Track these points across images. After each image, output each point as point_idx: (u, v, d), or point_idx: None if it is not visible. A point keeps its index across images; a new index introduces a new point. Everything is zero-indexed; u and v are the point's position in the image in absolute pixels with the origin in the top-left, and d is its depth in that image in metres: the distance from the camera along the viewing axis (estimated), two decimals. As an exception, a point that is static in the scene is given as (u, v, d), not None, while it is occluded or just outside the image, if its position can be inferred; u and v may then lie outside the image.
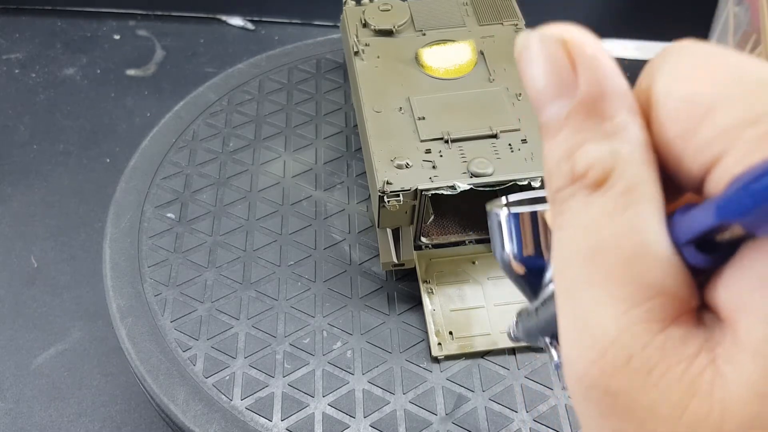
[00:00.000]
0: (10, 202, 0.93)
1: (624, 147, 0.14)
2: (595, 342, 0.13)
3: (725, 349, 0.12)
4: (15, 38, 1.16)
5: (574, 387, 0.14)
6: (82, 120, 1.04)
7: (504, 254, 0.17)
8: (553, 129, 0.14)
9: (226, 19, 1.19)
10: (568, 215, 0.14)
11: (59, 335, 0.80)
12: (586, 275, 0.14)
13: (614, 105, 0.14)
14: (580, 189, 0.14)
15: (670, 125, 0.14)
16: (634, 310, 0.13)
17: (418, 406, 0.45)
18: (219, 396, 0.46)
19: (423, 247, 0.52)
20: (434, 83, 0.52)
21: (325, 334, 0.48)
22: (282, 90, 0.65)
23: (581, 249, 0.14)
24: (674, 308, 0.13)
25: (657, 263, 0.13)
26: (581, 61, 0.14)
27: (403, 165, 0.46)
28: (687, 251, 0.13)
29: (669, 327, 0.13)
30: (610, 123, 0.14)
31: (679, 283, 0.13)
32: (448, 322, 0.48)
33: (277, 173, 0.58)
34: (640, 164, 0.14)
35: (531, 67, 0.15)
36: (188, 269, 0.52)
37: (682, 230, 0.13)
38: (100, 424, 0.73)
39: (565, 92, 0.14)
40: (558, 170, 0.14)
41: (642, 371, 0.13)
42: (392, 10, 0.57)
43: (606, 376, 0.13)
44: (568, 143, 0.14)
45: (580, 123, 0.14)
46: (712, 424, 0.12)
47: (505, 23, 0.57)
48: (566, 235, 0.14)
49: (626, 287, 0.13)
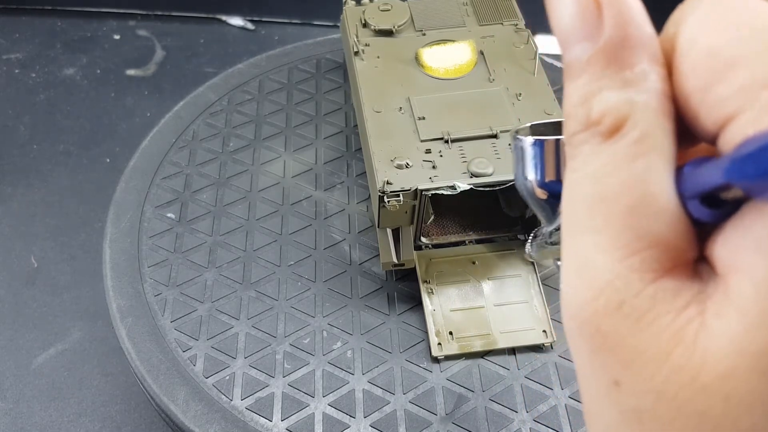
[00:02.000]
0: (10, 202, 0.93)
1: (641, 96, 0.14)
2: (591, 284, 0.14)
3: (715, 303, 0.13)
4: (15, 38, 1.16)
5: (568, 323, 0.15)
6: (82, 120, 1.04)
7: (527, 179, 0.17)
8: (574, 71, 0.14)
9: (226, 19, 1.19)
10: (579, 160, 0.14)
11: (59, 335, 0.80)
12: (590, 220, 0.14)
13: (636, 53, 0.14)
14: (594, 135, 0.14)
15: (691, 77, 0.14)
16: (630, 258, 0.13)
17: (418, 406, 0.45)
18: (219, 396, 0.46)
19: (423, 247, 0.52)
20: (434, 83, 0.52)
21: (325, 334, 0.48)
22: (282, 90, 0.65)
23: (588, 194, 0.14)
24: (670, 259, 0.13)
25: (658, 214, 0.13)
26: (607, 5, 0.14)
27: (403, 165, 0.46)
28: (692, 205, 0.13)
29: (662, 277, 0.13)
30: (630, 71, 0.14)
31: (679, 235, 0.13)
32: (448, 322, 0.48)
33: (277, 173, 0.58)
34: (655, 115, 0.14)
35: (558, 5, 0.15)
36: (188, 269, 0.52)
37: (689, 184, 0.13)
38: (100, 424, 0.73)
39: (590, 35, 0.14)
40: (574, 114, 0.14)
41: (632, 317, 0.13)
42: (392, 10, 0.57)
43: (598, 316, 0.14)
44: (587, 88, 0.14)
45: (601, 69, 0.14)
46: (691, 371, 0.13)
47: (505, 23, 0.57)
48: (576, 178, 0.14)
49: (625, 235, 0.13)
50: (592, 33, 0.14)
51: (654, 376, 0.13)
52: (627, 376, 0.13)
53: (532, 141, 0.17)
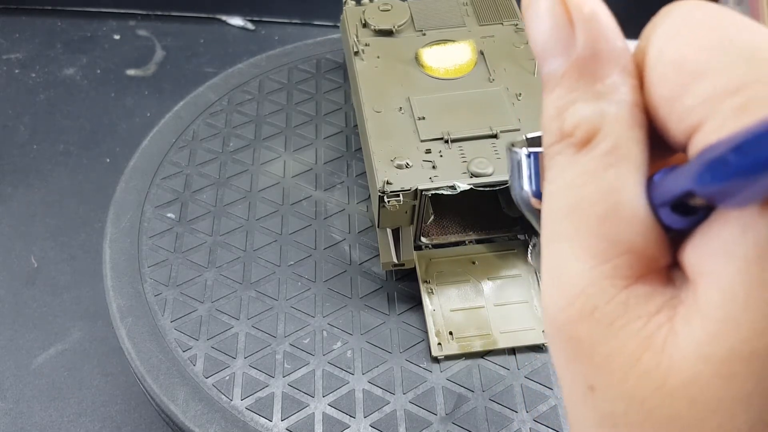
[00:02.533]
0: (10, 202, 0.93)
1: (612, 108, 0.14)
2: (565, 291, 0.14)
3: (684, 309, 0.13)
4: (15, 38, 1.16)
5: (548, 329, 0.15)
6: (82, 120, 1.04)
7: (522, 191, 0.18)
8: (550, 85, 0.15)
9: (226, 19, 1.19)
10: (555, 171, 0.15)
11: (59, 335, 0.80)
12: (565, 229, 0.14)
13: (607, 66, 0.14)
14: (567, 147, 0.14)
15: (659, 88, 0.14)
16: (602, 266, 0.14)
17: (418, 406, 0.45)
18: (219, 396, 0.46)
19: (423, 247, 0.52)
20: (434, 83, 0.52)
21: (325, 334, 0.48)
22: (282, 90, 0.65)
23: (563, 204, 0.14)
24: (641, 266, 0.14)
25: (629, 222, 0.14)
26: (578, 20, 0.14)
27: (403, 165, 0.46)
28: (663, 212, 0.14)
29: (634, 284, 0.14)
30: (602, 84, 0.14)
31: (650, 243, 0.14)
32: (448, 322, 0.48)
33: (277, 173, 0.58)
34: (625, 126, 0.14)
35: (534, 22, 0.15)
36: (188, 269, 0.52)
37: (659, 192, 0.14)
38: (100, 424, 0.73)
39: (564, 50, 0.14)
40: (549, 127, 0.15)
41: (604, 323, 0.14)
42: (392, 10, 0.57)
43: (572, 323, 0.14)
44: (561, 101, 0.15)
45: (574, 82, 0.14)
46: (658, 376, 0.13)
47: (505, 23, 0.57)
48: (552, 189, 0.15)
49: (597, 243, 0.14)
50: (565, 48, 0.14)
51: (624, 381, 0.13)
52: (600, 381, 0.14)
53: (527, 152, 0.17)
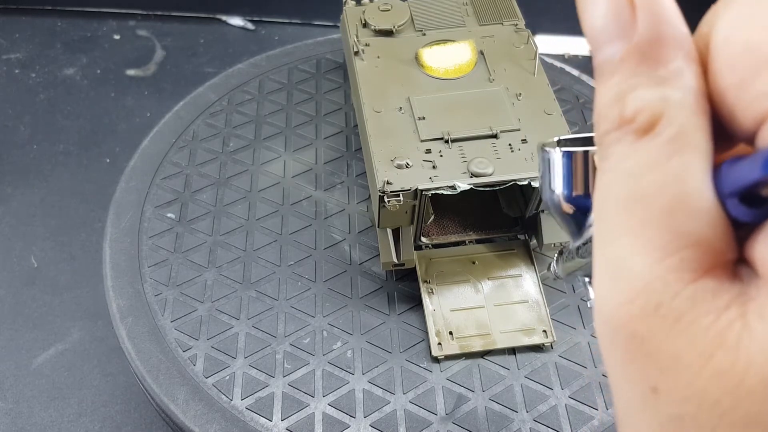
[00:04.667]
0: (10, 202, 0.93)
1: (676, 94, 0.13)
2: (626, 286, 0.13)
3: (757, 305, 0.12)
4: (15, 38, 1.16)
5: (602, 328, 0.14)
6: (82, 120, 1.04)
7: (554, 193, 0.17)
8: (607, 71, 0.14)
9: (226, 19, 1.19)
10: (612, 159, 0.14)
11: (59, 335, 0.80)
12: (625, 221, 0.13)
13: (670, 50, 0.14)
14: (627, 134, 0.14)
15: (727, 73, 0.13)
16: (668, 259, 0.13)
17: (418, 406, 0.45)
18: (219, 396, 0.46)
19: (423, 247, 0.52)
20: (434, 83, 0.52)
21: (325, 334, 0.48)
22: (282, 90, 0.65)
23: (622, 194, 0.14)
24: (709, 260, 0.13)
25: (696, 213, 0.13)
26: (641, 3, 0.14)
27: (403, 165, 0.46)
28: (730, 203, 0.13)
29: (701, 278, 0.13)
30: (665, 69, 0.14)
31: (717, 235, 0.13)
32: (448, 322, 0.48)
33: (277, 173, 0.58)
34: (690, 112, 0.13)
35: (591, 6, 0.14)
36: (188, 269, 0.52)
37: (727, 182, 0.13)
38: (100, 424, 0.73)
39: (623, 34, 0.14)
40: (607, 113, 0.14)
41: (670, 319, 0.13)
42: (392, 10, 0.57)
43: (634, 320, 0.13)
44: (620, 87, 0.14)
45: (635, 67, 0.14)
46: (734, 376, 0.12)
47: (505, 23, 0.56)
48: (609, 179, 0.14)
49: (662, 235, 0.13)
50: (625, 32, 0.14)
51: (694, 381, 0.12)
52: (665, 382, 0.13)
53: (561, 153, 0.17)
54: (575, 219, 0.17)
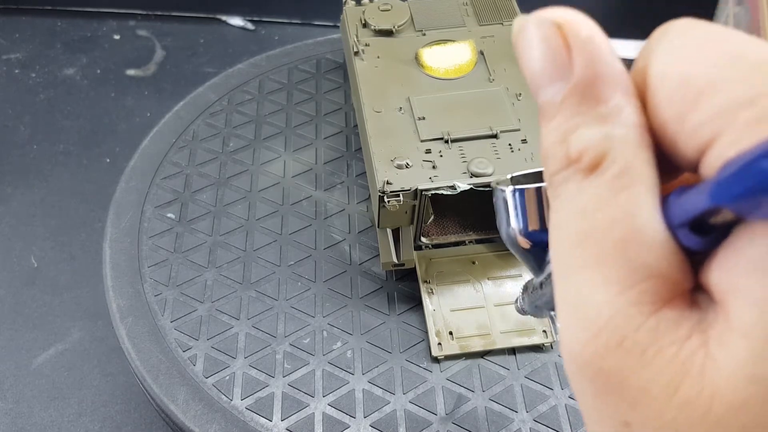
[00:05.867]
0: (10, 202, 0.93)
1: (618, 130, 0.14)
2: (588, 323, 0.13)
3: (717, 332, 0.12)
4: (15, 38, 1.16)
5: (569, 366, 0.14)
6: (82, 120, 1.04)
7: (509, 229, 0.17)
8: (549, 112, 0.14)
9: (226, 19, 1.19)
10: (563, 199, 0.14)
11: (59, 335, 0.80)
12: (580, 258, 0.14)
13: (609, 88, 0.14)
14: (575, 173, 0.14)
15: (666, 106, 0.14)
16: (627, 293, 0.13)
17: (418, 406, 0.45)
18: (219, 396, 0.46)
19: (423, 247, 0.52)
20: (434, 83, 0.52)
21: (325, 334, 0.48)
22: (282, 90, 0.65)
23: (575, 232, 0.14)
24: (667, 290, 0.13)
25: (650, 245, 0.13)
26: (576, 44, 0.14)
27: (403, 165, 0.46)
28: (681, 233, 0.13)
29: (662, 309, 0.13)
30: (605, 106, 0.14)
31: (673, 265, 0.13)
32: (448, 322, 0.48)
33: (277, 173, 0.58)
34: (634, 147, 0.14)
35: (527, 50, 0.15)
36: (188, 269, 0.52)
37: (676, 212, 0.13)
38: (100, 424, 0.73)
39: (561, 75, 0.14)
40: (553, 154, 0.14)
41: (634, 352, 0.13)
42: (392, 10, 0.57)
43: (599, 356, 0.13)
44: (563, 127, 0.14)
45: (575, 107, 0.14)
46: (701, 405, 0.12)
47: (505, 23, 0.57)
48: (561, 218, 0.14)
49: (619, 270, 0.13)
50: (563, 73, 0.14)
51: (664, 413, 0.13)
52: (636, 415, 0.13)
53: (513, 190, 0.17)
54: (534, 254, 0.17)
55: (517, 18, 0.15)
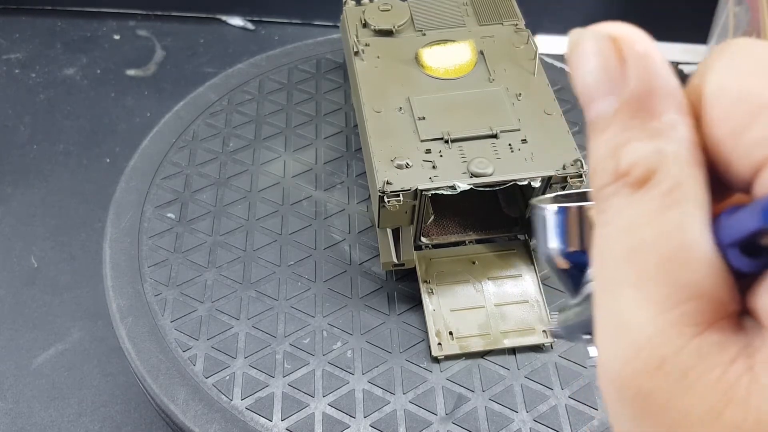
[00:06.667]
0: (10, 202, 0.93)
1: (670, 146, 0.13)
2: (629, 342, 0.13)
3: (764, 357, 0.12)
4: (15, 38, 1.16)
5: (607, 387, 0.14)
6: (82, 120, 1.04)
7: (549, 249, 0.17)
8: (600, 126, 0.14)
9: (226, 19, 1.19)
10: (610, 213, 0.14)
11: (59, 335, 0.80)
12: (625, 275, 0.13)
13: (662, 103, 0.14)
14: (623, 187, 0.14)
15: (721, 124, 0.13)
16: (671, 313, 0.13)
17: (418, 406, 0.45)
18: (219, 396, 0.46)
19: (423, 247, 0.52)
20: (434, 83, 0.52)
21: (325, 334, 0.48)
22: (282, 90, 0.65)
23: (621, 248, 0.13)
24: (712, 312, 0.13)
25: (697, 265, 0.13)
26: (631, 59, 0.14)
27: (403, 165, 0.46)
28: (731, 254, 0.13)
29: (706, 331, 0.13)
30: (658, 121, 0.14)
31: (720, 287, 0.13)
32: (448, 322, 0.48)
33: (277, 173, 0.58)
34: (685, 164, 0.13)
35: (582, 63, 0.14)
36: (188, 269, 0.52)
37: (726, 232, 0.13)
38: (100, 424, 0.73)
39: (614, 89, 0.14)
40: (602, 167, 0.14)
41: (675, 375, 0.13)
42: (392, 10, 0.57)
43: (639, 377, 0.13)
44: (614, 141, 0.14)
45: (627, 121, 0.14)
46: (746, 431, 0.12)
47: (505, 23, 0.56)
48: (607, 233, 0.14)
49: (664, 289, 0.13)
50: (616, 87, 0.14)
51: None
52: None
53: (555, 209, 0.16)
54: (572, 275, 0.17)
55: (572, 31, 0.15)
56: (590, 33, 0.14)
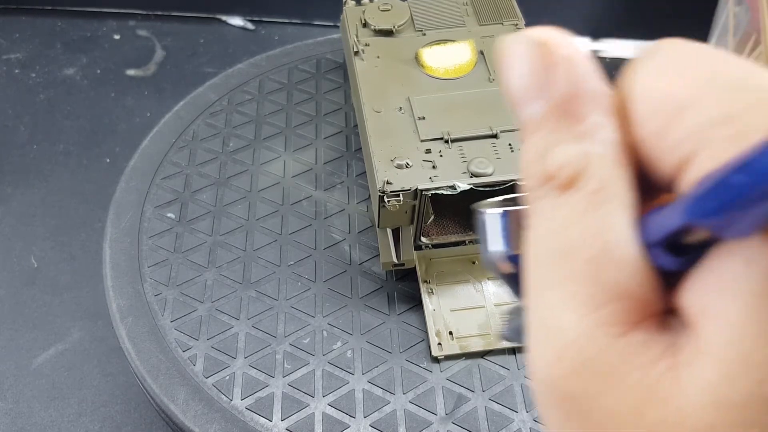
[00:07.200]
0: (10, 202, 0.93)
1: (595, 148, 0.14)
2: (555, 344, 0.13)
3: (687, 355, 0.12)
4: (15, 38, 1.16)
5: (537, 388, 0.14)
6: (82, 120, 1.04)
7: (490, 253, 0.17)
8: (529, 129, 0.14)
9: (226, 19, 1.19)
10: (539, 215, 0.14)
11: (59, 335, 0.80)
12: (552, 276, 0.13)
13: (588, 106, 0.14)
14: (551, 190, 0.14)
15: (645, 124, 0.14)
16: (595, 313, 0.13)
17: (418, 406, 0.45)
18: (219, 396, 0.46)
19: (423, 247, 0.52)
20: (434, 83, 0.52)
21: (325, 334, 0.48)
22: (282, 90, 0.65)
23: (549, 249, 0.14)
24: (637, 312, 0.13)
25: (620, 265, 0.13)
26: (558, 63, 0.14)
27: (403, 165, 0.46)
28: (655, 253, 0.13)
29: (630, 331, 0.13)
30: (584, 124, 0.14)
31: (644, 286, 0.13)
32: (448, 322, 0.48)
33: (277, 173, 0.58)
34: (611, 165, 0.14)
35: (510, 67, 0.15)
36: (188, 269, 0.52)
37: (651, 231, 0.13)
38: (100, 424, 0.73)
39: (542, 93, 0.14)
40: (531, 171, 0.14)
41: (600, 375, 0.13)
42: (392, 10, 0.57)
43: (565, 378, 0.13)
44: (542, 143, 0.14)
45: (555, 124, 0.14)
46: (669, 431, 0.12)
47: (505, 23, 0.57)
48: (536, 235, 0.14)
49: (589, 289, 0.13)
50: (544, 90, 0.14)
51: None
52: None
53: (495, 213, 0.16)
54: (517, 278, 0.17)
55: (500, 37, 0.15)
56: (518, 38, 0.15)
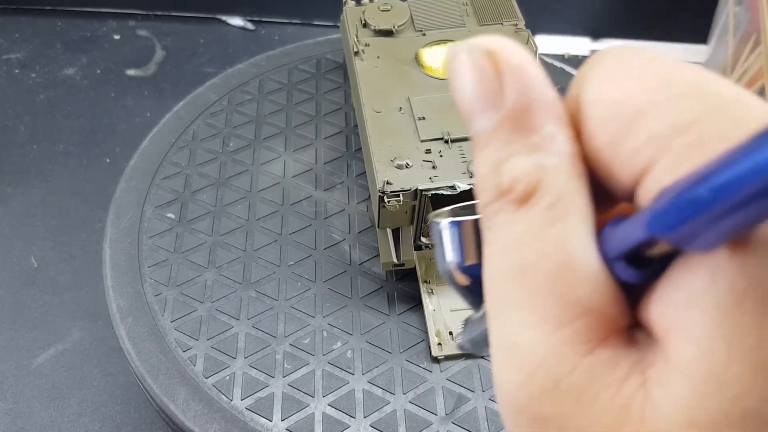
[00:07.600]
0: (10, 202, 0.93)
1: (550, 159, 0.13)
2: (522, 364, 0.13)
3: (657, 371, 0.12)
4: (15, 38, 1.16)
5: (505, 411, 0.13)
6: (82, 120, 1.04)
7: (446, 264, 0.16)
8: (482, 142, 0.14)
9: (226, 19, 1.19)
10: (495, 231, 0.13)
11: (59, 335, 0.80)
12: (513, 294, 0.13)
13: (540, 116, 0.13)
14: (507, 204, 0.13)
15: (599, 133, 0.13)
16: (561, 331, 0.12)
17: (418, 406, 0.45)
18: (219, 396, 0.46)
19: (423, 247, 0.52)
20: (434, 83, 0.52)
21: (325, 334, 0.48)
22: (282, 90, 0.65)
23: (508, 266, 0.13)
24: (602, 328, 0.13)
25: (582, 280, 0.12)
26: (507, 72, 0.14)
27: (403, 165, 0.46)
28: (617, 266, 0.13)
29: (597, 348, 0.12)
30: (537, 135, 0.13)
31: (608, 301, 0.13)
32: (448, 322, 0.48)
33: (277, 173, 0.58)
34: (567, 177, 0.13)
35: (459, 78, 0.14)
36: (188, 269, 0.52)
37: (612, 244, 0.13)
38: (100, 424, 0.73)
39: (493, 104, 0.14)
40: (485, 184, 0.14)
41: (571, 396, 0.12)
42: (392, 10, 0.57)
43: (535, 400, 0.13)
44: (495, 156, 0.14)
45: (507, 135, 0.13)
46: None
47: (505, 23, 0.57)
48: (493, 251, 0.14)
49: (552, 306, 0.12)
50: (495, 102, 0.14)
51: None
52: None
53: (450, 222, 0.16)
54: (472, 289, 0.16)
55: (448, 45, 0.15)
56: (466, 47, 0.14)
